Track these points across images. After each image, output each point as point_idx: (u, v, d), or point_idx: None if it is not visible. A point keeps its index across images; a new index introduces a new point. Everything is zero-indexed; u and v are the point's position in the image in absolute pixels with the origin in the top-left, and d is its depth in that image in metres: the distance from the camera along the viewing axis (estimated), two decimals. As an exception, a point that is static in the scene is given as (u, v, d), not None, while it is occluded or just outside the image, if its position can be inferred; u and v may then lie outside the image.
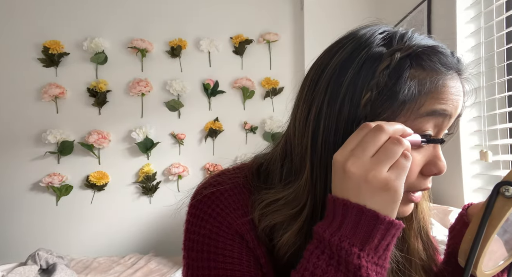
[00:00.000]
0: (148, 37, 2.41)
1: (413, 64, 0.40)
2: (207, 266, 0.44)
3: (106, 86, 2.37)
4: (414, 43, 0.41)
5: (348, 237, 0.35)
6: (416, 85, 0.39)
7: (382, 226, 0.35)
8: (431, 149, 0.43)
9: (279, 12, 2.52)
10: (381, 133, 0.36)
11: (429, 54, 0.41)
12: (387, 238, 0.35)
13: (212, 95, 2.45)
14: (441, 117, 0.41)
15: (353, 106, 0.40)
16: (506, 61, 1.31)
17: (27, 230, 2.31)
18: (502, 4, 1.31)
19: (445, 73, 0.41)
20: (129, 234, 2.37)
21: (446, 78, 0.41)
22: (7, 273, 1.61)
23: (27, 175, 2.32)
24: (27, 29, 2.35)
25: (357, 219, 0.35)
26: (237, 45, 2.47)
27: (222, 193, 0.47)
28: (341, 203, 0.36)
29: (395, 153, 0.35)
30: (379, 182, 0.35)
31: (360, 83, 0.40)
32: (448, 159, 1.54)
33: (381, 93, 0.39)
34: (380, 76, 0.39)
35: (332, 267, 0.35)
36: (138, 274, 1.84)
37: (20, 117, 2.33)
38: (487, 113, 1.37)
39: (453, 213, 1.28)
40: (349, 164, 0.35)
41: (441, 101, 0.40)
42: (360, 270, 0.34)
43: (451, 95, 0.41)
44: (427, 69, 0.40)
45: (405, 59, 0.40)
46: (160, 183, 2.40)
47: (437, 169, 0.42)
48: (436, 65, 0.41)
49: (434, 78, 0.40)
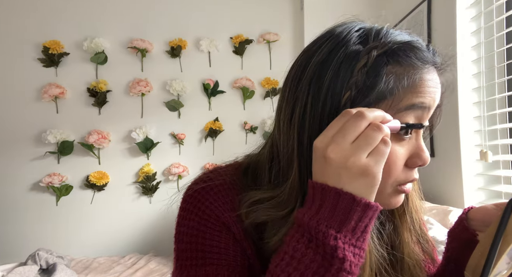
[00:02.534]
0: (148, 37, 2.41)
1: (390, 61, 0.41)
2: (195, 257, 0.46)
3: (106, 86, 2.37)
4: (390, 39, 0.42)
5: (325, 220, 0.36)
6: (393, 81, 0.40)
7: (358, 208, 0.35)
8: (413, 141, 0.44)
9: (279, 12, 2.52)
10: (361, 119, 0.36)
11: (405, 49, 0.42)
12: (364, 220, 0.36)
13: (212, 95, 2.45)
14: (420, 109, 0.42)
15: (335, 105, 0.41)
16: (506, 61, 1.32)
17: (27, 230, 2.31)
18: (502, 4, 1.31)
19: (422, 67, 0.42)
20: (129, 234, 2.37)
21: (423, 72, 0.42)
22: (7, 273, 1.61)
23: (27, 175, 2.31)
24: (27, 29, 2.35)
25: (335, 202, 0.36)
26: (237, 45, 2.47)
27: (212, 188, 0.48)
28: (319, 188, 0.37)
29: (375, 139, 0.36)
30: (359, 168, 0.36)
31: (340, 82, 0.41)
32: (448, 159, 1.54)
33: (360, 91, 0.40)
34: (358, 74, 0.40)
35: (311, 250, 0.35)
36: (138, 274, 1.84)
37: (20, 117, 2.33)
38: (487, 113, 1.37)
39: (453, 213, 1.28)
40: (329, 150, 0.36)
41: (419, 95, 0.41)
42: (336, 251, 0.34)
43: (428, 88, 0.42)
44: (404, 65, 0.41)
45: (382, 56, 0.41)
46: (160, 183, 2.40)
47: (422, 160, 0.43)
48: (413, 60, 0.42)
49: (411, 73, 0.41)
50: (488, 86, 1.37)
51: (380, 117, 0.38)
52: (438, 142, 1.59)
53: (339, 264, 0.34)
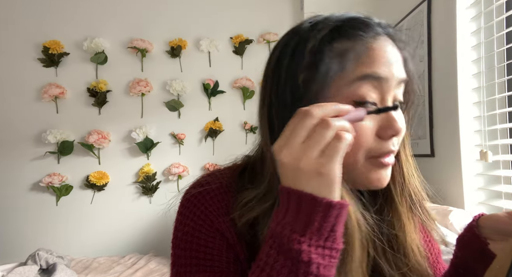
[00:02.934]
0: (148, 37, 2.41)
1: (335, 38, 0.42)
2: (189, 264, 0.46)
3: (106, 86, 2.37)
4: (335, 19, 0.44)
5: (290, 224, 0.35)
6: (341, 56, 0.41)
7: (320, 209, 0.35)
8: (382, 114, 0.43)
9: (279, 12, 2.52)
10: (307, 118, 0.36)
11: (349, 24, 0.43)
12: (328, 220, 0.35)
13: (212, 95, 2.45)
14: (376, 80, 0.42)
15: (293, 91, 0.42)
16: (506, 61, 1.31)
17: (27, 230, 2.31)
18: (502, 4, 1.31)
19: (367, 37, 0.42)
20: (129, 234, 2.37)
21: (369, 42, 0.42)
22: (7, 273, 1.61)
23: (27, 175, 2.31)
24: (27, 29, 2.35)
25: (298, 205, 0.36)
26: (237, 45, 2.47)
27: (208, 192, 0.48)
28: (285, 192, 0.36)
29: (324, 136, 0.35)
30: (311, 169, 0.35)
31: (294, 67, 0.43)
32: (448, 159, 1.54)
33: (312, 71, 0.41)
34: (308, 56, 0.42)
35: (282, 255, 0.35)
36: (138, 274, 1.84)
37: (20, 117, 2.33)
38: (487, 113, 1.37)
39: (453, 213, 1.28)
40: (282, 155, 0.36)
41: (370, 65, 0.42)
42: (300, 255, 0.34)
43: (379, 57, 0.42)
44: (350, 38, 0.42)
45: (327, 35, 0.43)
46: (160, 183, 2.40)
47: (393, 130, 0.42)
48: (357, 32, 0.43)
49: (358, 44, 0.42)
50: (488, 86, 1.37)
51: (332, 111, 0.37)
52: (438, 142, 1.59)
53: (305, 267, 0.34)
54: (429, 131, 1.62)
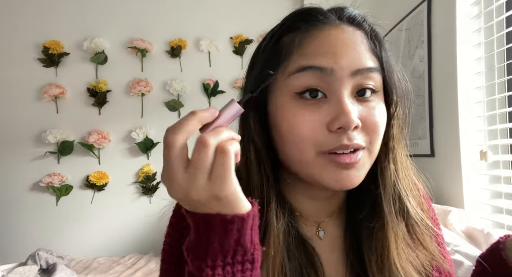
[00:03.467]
0: (148, 37, 2.41)
1: (283, 32, 0.45)
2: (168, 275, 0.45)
3: (106, 86, 2.37)
4: (287, 16, 0.47)
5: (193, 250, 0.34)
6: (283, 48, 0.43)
7: (216, 228, 0.32)
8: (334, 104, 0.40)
9: (279, 12, 2.49)
10: (171, 149, 0.32)
11: (295, 18, 0.45)
12: (230, 235, 0.32)
13: (212, 95, 2.45)
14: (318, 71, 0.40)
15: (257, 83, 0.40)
16: (506, 61, 1.31)
17: (27, 230, 2.31)
18: (502, 4, 1.31)
19: (308, 28, 0.42)
20: (129, 234, 2.37)
21: (310, 31, 0.42)
22: (7, 273, 1.61)
23: (27, 175, 2.31)
24: (27, 29, 2.34)
25: (196, 229, 0.33)
26: (237, 45, 2.47)
27: None
28: (189, 218, 0.35)
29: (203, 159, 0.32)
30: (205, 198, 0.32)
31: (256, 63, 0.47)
32: (448, 159, 1.53)
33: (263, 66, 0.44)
34: (261, 52, 0.46)
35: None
36: (138, 274, 1.84)
37: (20, 117, 2.32)
38: (487, 113, 1.37)
39: (453, 213, 1.28)
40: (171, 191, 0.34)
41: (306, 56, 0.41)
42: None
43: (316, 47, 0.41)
44: (292, 32, 0.44)
45: (278, 29, 0.46)
46: (160, 183, 2.40)
47: (340, 122, 0.38)
48: (298, 24, 0.43)
49: (296, 35, 0.43)
50: (488, 86, 1.37)
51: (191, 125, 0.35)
52: (438, 142, 1.59)
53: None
54: (429, 131, 1.62)
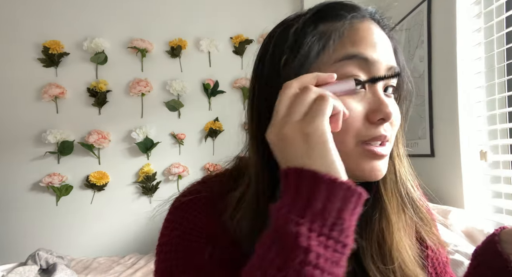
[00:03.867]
0: (148, 37, 2.41)
1: (320, 19, 0.43)
2: (175, 265, 0.43)
3: (106, 86, 2.37)
4: (319, 4, 0.45)
5: (288, 205, 0.31)
6: (321, 36, 0.41)
7: (323, 186, 0.30)
8: (371, 96, 0.41)
9: (279, 12, 2.49)
10: (286, 89, 0.35)
11: (334, 7, 0.44)
12: (333, 201, 0.30)
13: (212, 95, 2.45)
14: (362, 61, 0.40)
15: (275, 71, 0.42)
16: (506, 61, 1.31)
17: (27, 230, 2.31)
18: (502, 4, 1.31)
19: (352, 17, 0.42)
20: (129, 234, 2.37)
21: (355, 22, 0.42)
22: (7, 273, 1.61)
23: (27, 175, 2.31)
24: (27, 29, 2.35)
25: (297, 184, 0.31)
26: (237, 45, 2.47)
27: (200, 199, 0.46)
28: (282, 174, 0.33)
29: (304, 100, 0.34)
30: (294, 131, 0.33)
31: (278, 50, 0.43)
32: (448, 159, 1.53)
33: (294, 52, 0.41)
34: (291, 38, 0.42)
35: (276, 244, 0.30)
36: (138, 274, 1.84)
37: (20, 117, 2.32)
38: (487, 113, 1.37)
39: (453, 213, 1.28)
40: (268, 134, 0.35)
41: (353, 44, 0.41)
42: (297, 239, 0.29)
43: (363, 37, 0.41)
44: (333, 20, 0.42)
45: (311, 17, 0.43)
46: (160, 183, 2.40)
47: (382, 113, 0.40)
48: (340, 12, 0.42)
49: (342, 23, 0.42)
50: (488, 86, 1.37)
51: (311, 78, 0.37)
52: (438, 142, 1.59)
53: (302, 255, 0.28)
54: (429, 131, 1.62)
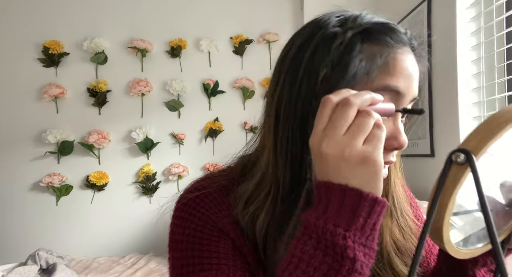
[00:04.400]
0: (148, 37, 2.41)
1: (365, 40, 0.41)
2: (192, 263, 0.44)
3: (106, 86, 2.37)
4: (366, 21, 0.43)
5: (333, 218, 0.34)
6: (367, 60, 0.40)
7: (366, 204, 0.34)
8: (390, 124, 0.43)
9: (279, 12, 2.52)
10: (349, 108, 0.35)
11: (380, 29, 0.42)
12: (372, 217, 0.34)
13: (212, 95, 2.45)
14: (394, 93, 0.41)
15: (311, 83, 0.41)
16: (506, 61, 1.32)
17: (27, 230, 2.31)
18: (502, 4, 1.31)
19: (396, 46, 0.42)
20: (129, 234, 2.37)
21: (397, 52, 0.42)
22: (7, 273, 1.61)
23: (27, 175, 2.31)
24: (27, 29, 2.35)
25: (341, 199, 0.34)
26: (237, 45, 2.47)
27: (207, 195, 0.47)
28: (323, 186, 0.35)
29: (367, 124, 0.35)
30: (357, 157, 0.34)
31: (317, 61, 0.41)
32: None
33: (335, 69, 0.40)
34: (334, 53, 0.41)
35: (320, 251, 0.34)
36: (138, 274, 1.84)
37: (20, 117, 2.32)
38: (487, 113, 1.37)
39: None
40: (324, 146, 0.35)
41: (393, 77, 0.41)
42: (346, 251, 0.33)
43: (402, 69, 0.41)
44: (378, 44, 0.41)
45: (357, 35, 0.41)
46: (160, 183, 2.40)
47: (398, 143, 0.42)
48: (387, 39, 0.42)
49: (385, 51, 0.41)
50: (488, 86, 1.37)
51: (368, 100, 0.37)
52: (438, 142, 1.59)
53: (350, 264, 0.33)
54: (429, 131, 1.62)
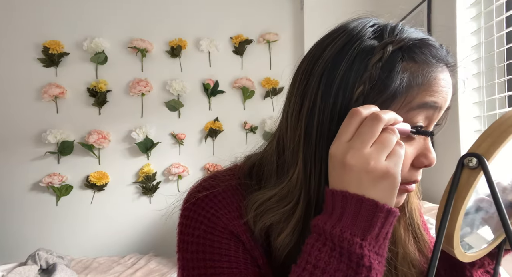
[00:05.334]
0: (148, 37, 2.41)
1: (405, 57, 0.40)
2: (203, 266, 0.43)
3: (106, 86, 2.37)
4: (406, 36, 0.42)
5: (349, 227, 0.35)
6: (408, 78, 0.40)
7: (381, 214, 0.35)
8: (421, 141, 0.43)
9: (279, 12, 2.52)
10: (378, 123, 0.36)
11: (420, 46, 0.41)
12: (386, 226, 0.36)
13: (212, 95, 2.45)
14: (432, 109, 0.42)
15: (346, 99, 0.40)
16: (506, 61, 1.32)
17: (27, 230, 2.31)
18: (502, 4, 1.31)
19: (436, 65, 0.42)
20: (129, 234, 2.37)
21: (437, 71, 0.41)
22: (7, 273, 1.61)
23: (27, 175, 2.31)
24: (27, 29, 2.35)
25: (357, 209, 0.35)
26: (237, 45, 2.47)
27: (216, 195, 0.46)
28: (339, 195, 0.36)
29: (392, 142, 0.36)
30: (380, 171, 0.35)
31: (353, 76, 0.40)
32: (448, 159, 1.53)
33: (374, 86, 0.39)
34: (372, 69, 0.39)
35: (335, 259, 0.35)
36: (138, 274, 1.84)
37: (20, 117, 2.32)
38: (487, 113, 1.37)
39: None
40: (348, 157, 0.36)
41: (432, 94, 0.41)
42: (362, 259, 0.34)
43: (441, 87, 0.41)
44: (418, 62, 0.41)
45: (397, 52, 0.40)
46: (160, 183, 2.40)
47: (428, 161, 0.43)
48: (428, 57, 0.41)
49: (426, 71, 0.40)
50: (488, 86, 1.37)
51: (393, 119, 0.38)
52: (438, 142, 1.59)
53: (366, 272, 0.34)
54: (429, 131, 1.62)
